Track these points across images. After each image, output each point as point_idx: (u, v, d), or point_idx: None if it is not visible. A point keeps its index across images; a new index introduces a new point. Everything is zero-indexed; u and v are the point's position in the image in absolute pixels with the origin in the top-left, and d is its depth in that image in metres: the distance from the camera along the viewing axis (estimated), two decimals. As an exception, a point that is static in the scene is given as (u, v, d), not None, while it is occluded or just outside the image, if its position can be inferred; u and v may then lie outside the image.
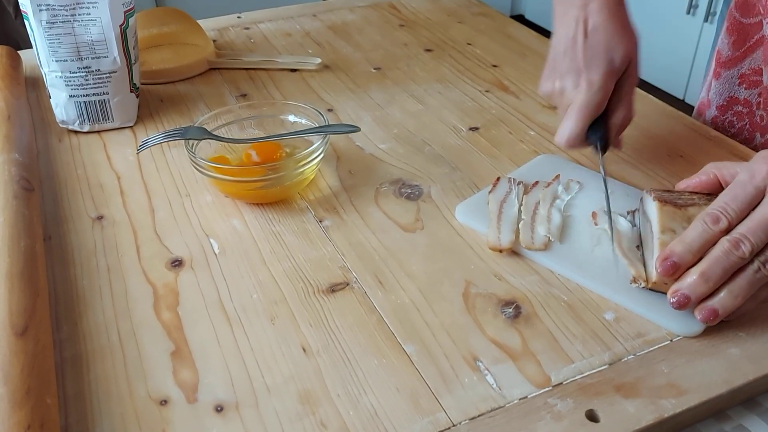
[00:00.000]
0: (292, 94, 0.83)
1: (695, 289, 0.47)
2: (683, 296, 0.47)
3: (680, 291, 0.47)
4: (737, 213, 0.48)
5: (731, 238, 0.47)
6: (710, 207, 0.49)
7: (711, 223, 0.48)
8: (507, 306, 0.51)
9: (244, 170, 0.62)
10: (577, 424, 0.43)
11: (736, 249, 0.46)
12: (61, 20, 0.69)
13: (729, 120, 0.78)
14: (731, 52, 0.76)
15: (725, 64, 0.77)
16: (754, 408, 0.46)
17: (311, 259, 0.56)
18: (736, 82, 0.76)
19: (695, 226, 0.48)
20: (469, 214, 0.60)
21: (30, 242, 0.53)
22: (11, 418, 0.39)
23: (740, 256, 0.46)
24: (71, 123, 0.74)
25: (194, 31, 0.93)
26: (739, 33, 0.74)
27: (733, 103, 0.77)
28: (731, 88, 0.77)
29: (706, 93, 0.82)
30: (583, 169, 0.66)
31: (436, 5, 1.09)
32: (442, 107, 0.79)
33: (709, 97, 0.80)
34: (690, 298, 0.47)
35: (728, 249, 0.46)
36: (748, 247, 0.46)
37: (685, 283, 0.47)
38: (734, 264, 0.46)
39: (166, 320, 0.50)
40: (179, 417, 0.43)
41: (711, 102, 0.80)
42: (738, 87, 0.76)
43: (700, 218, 0.48)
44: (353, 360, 0.47)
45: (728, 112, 0.78)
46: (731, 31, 0.75)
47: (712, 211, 0.48)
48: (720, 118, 0.79)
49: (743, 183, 0.49)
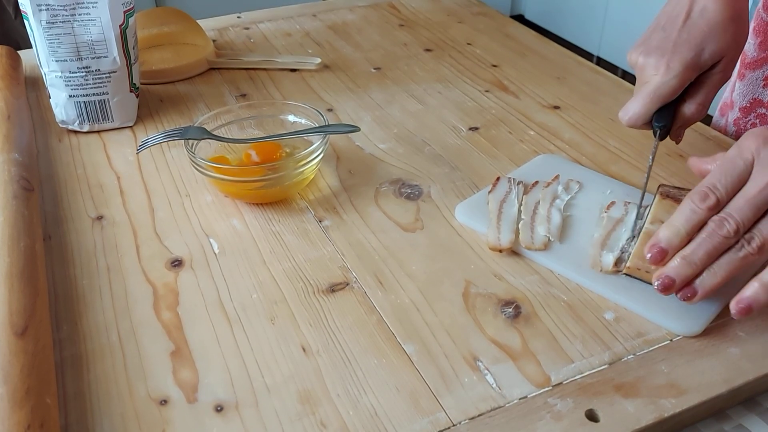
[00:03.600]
0: (292, 94, 0.83)
1: (679, 272, 0.47)
2: (667, 278, 0.47)
3: (664, 273, 0.47)
4: (726, 188, 0.47)
5: (716, 218, 0.46)
6: (699, 185, 0.48)
7: (699, 201, 0.47)
8: (507, 306, 0.51)
9: (244, 170, 0.62)
10: (577, 423, 0.43)
11: (720, 229, 0.46)
12: (61, 20, 0.69)
13: (752, 122, 0.76)
14: (757, 53, 0.74)
15: (750, 65, 0.75)
16: (754, 408, 0.46)
17: (311, 259, 0.56)
18: (761, 84, 0.74)
19: (682, 208, 0.48)
20: (469, 214, 0.60)
21: (30, 242, 0.53)
22: (11, 418, 0.39)
23: (724, 236, 0.46)
24: (71, 123, 0.74)
25: (194, 31, 0.93)
26: (766, 34, 0.72)
27: (756, 105, 0.75)
28: (755, 89, 0.75)
29: (729, 94, 0.80)
30: (583, 168, 0.66)
31: (436, 5, 1.09)
32: (442, 107, 0.79)
33: (733, 98, 0.79)
34: (674, 281, 0.47)
35: (712, 230, 0.46)
36: (733, 225, 0.46)
37: (669, 267, 0.47)
38: (718, 244, 0.46)
39: (166, 320, 0.50)
40: (179, 417, 0.43)
41: (734, 103, 0.78)
42: (762, 89, 0.74)
43: (688, 197, 0.48)
44: (353, 360, 0.47)
45: (751, 114, 0.76)
46: (758, 32, 0.73)
47: (700, 188, 0.48)
48: (742, 120, 0.77)
49: (731, 158, 0.48)
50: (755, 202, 0.46)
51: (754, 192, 0.46)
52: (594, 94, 0.82)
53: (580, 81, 0.85)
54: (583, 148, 0.71)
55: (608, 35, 2.76)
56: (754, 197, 0.46)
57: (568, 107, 0.79)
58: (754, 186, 0.46)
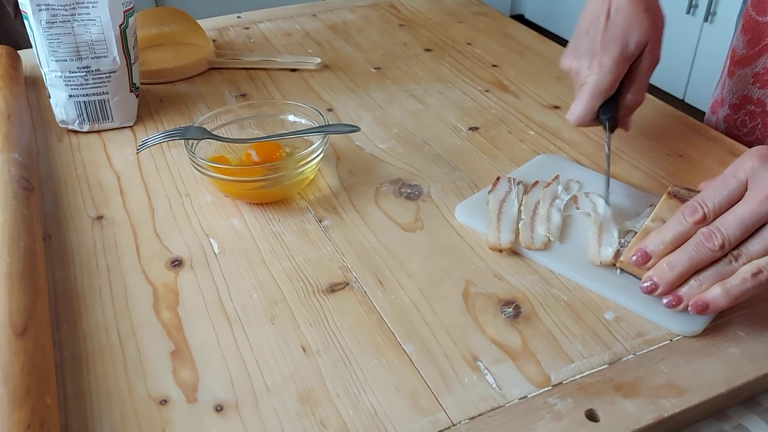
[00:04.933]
0: (292, 93, 0.83)
1: (662, 277, 0.48)
2: (652, 282, 0.49)
3: (649, 277, 0.49)
4: (716, 205, 0.48)
5: (705, 231, 0.47)
6: (692, 199, 0.49)
7: (687, 215, 0.49)
8: (507, 306, 0.51)
9: (244, 170, 0.62)
10: (577, 423, 0.43)
11: (707, 241, 0.47)
12: (61, 20, 0.69)
13: (741, 119, 0.77)
14: (746, 50, 0.75)
15: (739, 62, 0.76)
16: (754, 408, 0.46)
17: (311, 259, 0.56)
18: (750, 81, 0.75)
19: (673, 218, 0.50)
20: (468, 214, 0.60)
21: (30, 242, 0.53)
22: (11, 418, 0.39)
23: (710, 249, 0.47)
24: (71, 123, 0.74)
25: (194, 31, 0.93)
26: (755, 31, 0.73)
27: (746, 102, 0.76)
28: (745, 87, 0.76)
29: (720, 91, 0.81)
30: (583, 168, 0.66)
31: (436, 5, 1.09)
32: (442, 107, 0.79)
33: (723, 95, 0.80)
34: (658, 285, 0.49)
35: (699, 241, 0.47)
36: (719, 240, 0.47)
37: (654, 270, 0.49)
38: (704, 255, 0.47)
39: (165, 320, 0.50)
40: (179, 417, 0.43)
41: (724, 101, 0.79)
42: (752, 86, 0.75)
43: (680, 210, 0.49)
44: (353, 360, 0.47)
45: (741, 111, 0.77)
46: (747, 29, 0.74)
47: (691, 203, 0.49)
48: (732, 117, 0.78)
49: (726, 176, 0.49)
50: (744, 221, 0.47)
51: (744, 211, 0.47)
52: (594, 94, 0.82)
53: (580, 81, 0.85)
54: (583, 148, 0.71)
55: (608, 35, 2.76)
56: (743, 216, 0.47)
57: (568, 107, 0.78)
58: (745, 205, 0.47)
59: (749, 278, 0.46)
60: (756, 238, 0.47)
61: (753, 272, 0.46)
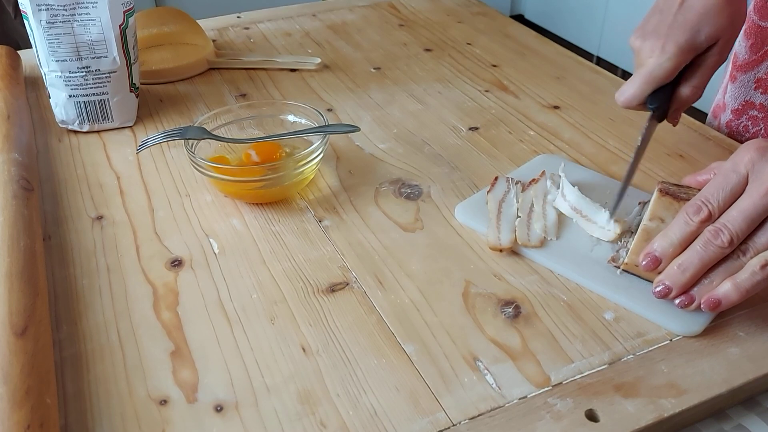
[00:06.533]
0: (292, 94, 0.83)
1: (675, 280, 0.48)
2: (665, 287, 0.49)
3: (661, 281, 0.49)
4: (719, 202, 0.48)
5: (711, 228, 0.47)
6: (694, 198, 0.49)
7: (692, 215, 0.48)
8: (507, 306, 0.51)
9: (244, 170, 0.62)
10: (577, 423, 0.43)
11: (715, 239, 0.47)
12: (61, 20, 0.69)
13: (744, 124, 0.77)
14: (748, 55, 0.74)
15: (741, 67, 0.75)
16: (754, 408, 0.46)
17: (311, 259, 0.56)
18: (752, 86, 0.75)
19: (677, 219, 0.49)
20: (468, 214, 0.60)
21: (30, 242, 0.53)
22: (11, 418, 0.39)
23: (719, 246, 0.47)
24: (71, 123, 0.74)
25: (194, 31, 0.93)
26: (757, 36, 0.73)
27: (748, 108, 0.76)
28: (747, 92, 0.76)
29: (722, 96, 0.80)
30: (583, 168, 0.66)
31: (436, 5, 1.09)
32: (442, 107, 0.79)
33: (725, 100, 0.79)
34: (671, 289, 0.48)
35: (707, 240, 0.47)
36: (727, 236, 0.46)
37: (666, 274, 0.49)
38: (713, 254, 0.47)
39: (165, 320, 0.50)
40: (179, 417, 0.43)
41: (726, 105, 0.79)
42: (754, 91, 0.75)
43: (683, 210, 0.49)
44: (353, 360, 0.47)
45: (743, 116, 0.77)
46: (749, 34, 0.74)
47: (694, 201, 0.49)
48: (735, 122, 0.78)
49: (726, 172, 0.49)
50: (749, 215, 0.46)
51: (748, 205, 0.47)
52: (594, 93, 0.82)
53: (580, 81, 0.85)
54: (583, 148, 0.71)
55: (608, 35, 2.76)
56: (748, 210, 0.47)
57: (568, 107, 0.79)
58: (748, 199, 0.47)
59: (758, 270, 0.46)
60: (761, 231, 0.47)
61: (761, 264, 0.46)
